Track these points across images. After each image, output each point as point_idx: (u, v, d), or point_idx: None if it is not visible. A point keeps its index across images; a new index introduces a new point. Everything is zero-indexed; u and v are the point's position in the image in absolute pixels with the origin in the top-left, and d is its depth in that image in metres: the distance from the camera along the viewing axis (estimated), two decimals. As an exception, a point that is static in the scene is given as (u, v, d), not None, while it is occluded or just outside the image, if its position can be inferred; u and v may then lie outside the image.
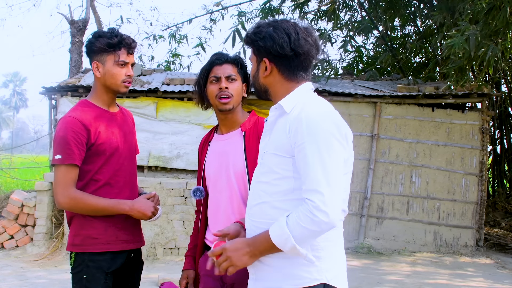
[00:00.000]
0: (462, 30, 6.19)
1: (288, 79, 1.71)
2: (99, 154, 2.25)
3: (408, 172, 7.80)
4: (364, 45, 12.03)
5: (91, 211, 2.22)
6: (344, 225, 1.81)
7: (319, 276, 1.62)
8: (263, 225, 1.64)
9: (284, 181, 1.63)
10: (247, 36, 1.75)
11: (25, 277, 5.74)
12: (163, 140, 7.57)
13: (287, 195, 1.63)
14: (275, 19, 1.78)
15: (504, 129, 10.36)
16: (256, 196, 1.71)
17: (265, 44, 1.67)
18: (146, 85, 7.82)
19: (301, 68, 1.70)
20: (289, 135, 1.60)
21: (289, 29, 1.67)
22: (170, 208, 6.81)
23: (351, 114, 7.85)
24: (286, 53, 1.66)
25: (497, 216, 9.44)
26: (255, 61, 1.75)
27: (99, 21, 11.21)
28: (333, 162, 1.56)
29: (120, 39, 2.25)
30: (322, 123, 1.58)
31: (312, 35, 1.71)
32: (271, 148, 1.67)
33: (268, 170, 1.67)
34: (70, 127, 2.19)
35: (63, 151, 2.17)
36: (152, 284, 5.38)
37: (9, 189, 9.11)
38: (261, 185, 1.69)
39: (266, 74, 1.72)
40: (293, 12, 10.35)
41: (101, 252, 2.24)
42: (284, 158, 1.62)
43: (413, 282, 5.90)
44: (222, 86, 2.17)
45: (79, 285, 2.24)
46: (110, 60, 2.26)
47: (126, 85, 2.30)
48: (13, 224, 6.88)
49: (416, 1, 10.02)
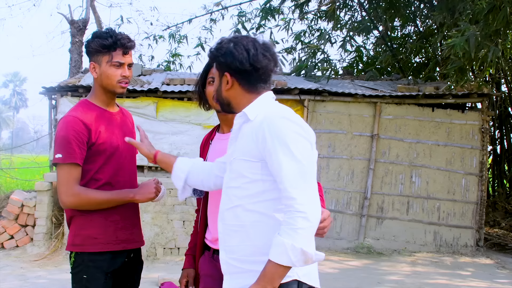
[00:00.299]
0: (462, 30, 6.20)
1: (249, 91, 1.81)
2: (99, 153, 2.25)
3: (408, 172, 7.80)
4: (364, 45, 12.04)
5: (96, 205, 2.22)
6: (344, 225, 1.83)
7: (290, 273, 1.67)
8: (236, 227, 1.74)
9: (254, 184, 1.71)
10: (210, 52, 1.85)
11: (25, 277, 5.74)
12: (163, 140, 7.57)
13: (257, 197, 1.71)
14: (236, 35, 1.89)
15: (504, 129, 10.36)
16: (228, 201, 1.78)
17: (226, 60, 1.78)
18: (146, 85, 7.82)
19: (260, 81, 1.81)
20: (257, 141, 1.69)
21: (248, 45, 1.77)
22: (170, 208, 6.81)
23: (351, 114, 7.85)
24: (245, 68, 1.76)
25: (497, 216, 9.44)
26: (217, 75, 1.85)
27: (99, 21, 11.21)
28: (304, 158, 1.65)
29: (114, 39, 2.24)
30: (287, 124, 1.67)
31: (270, 50, 1.81)
32: (239, 154, 1.75)
33: (238, 175, 1.75)
34: (72, 126, 2.19)
35: (65, 150, 2.17)
36: (152, 284, 5.38)
37: (9, 189, 9.11)
38: (232, 190, 1.77)
39: (228, 88, 1.82)
40: (293, 12, 10.37)
41: (101, 252, 2.24)
42: (252, 162, 1.71)
43: (413, 282, 5.90)
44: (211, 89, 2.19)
45: (79, 285, 2.24)
46: (105, 61, 2.26)
47: (122, 86, 2.29)
48: (13, 224, 6.88)
49: (416, 1, 10.02)
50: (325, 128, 7.83)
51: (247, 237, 1.73)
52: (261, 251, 1.69)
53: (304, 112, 7.75)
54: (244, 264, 1.74)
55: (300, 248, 1.56)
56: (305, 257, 1.58)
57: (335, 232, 7.73)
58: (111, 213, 2.27)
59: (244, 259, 1.74)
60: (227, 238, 1.79)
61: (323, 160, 7.80)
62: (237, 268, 1.75)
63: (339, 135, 7.83)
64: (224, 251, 1.80)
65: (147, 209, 6.65)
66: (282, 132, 1.65)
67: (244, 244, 1.74)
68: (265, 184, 1.70)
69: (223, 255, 1.81)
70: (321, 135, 7.80)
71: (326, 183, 7.78)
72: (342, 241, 7.67)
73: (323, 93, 7.73)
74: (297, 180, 1.61)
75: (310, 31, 10.77)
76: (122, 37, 2.26)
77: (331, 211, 7.76)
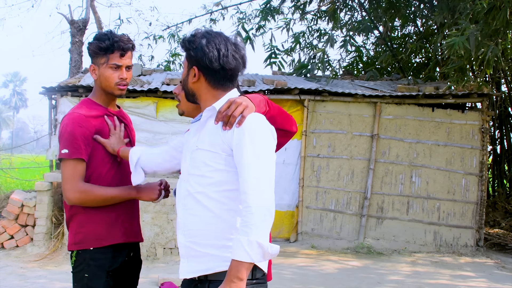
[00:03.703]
0: (462, 30, 6.20)
1: (214, 88, 1.87)
2: (101, 149, 2.28)
3: (408, 172, 7.80)
4: (364, 45, 12.04)
5: (102, 202, 2.24)
6: (344, 225, 1.89)
7: None
8: (198, 212, 1.81)
9: (217, 173, 1.78)
10: (183, 41, 1.89)
11: (25, 277, 5.74)
12: (163, 140, 7.57)
13: (220, 186, 1.78)
14: (210, 30, 1.90)
15: (504, 129, 10.36)
16: (190, 187, 1.83)
17: (196, 54, 1.83)
18: (146, 85, 7.82)
19: (227, 80, 1.87)
20: (223, 135, 1.76)
21: (220, 44, 1.82)
22: (170, 208, 6.81)
23: (351, 114, 7.85)
24: (214, 67, 1.82)
25: (497, 216, 9.44)
26: (186, 65, 1.91)
27: (99, 21, 11.22)
28: (267, 156, 1.73)
29: (112, 41, 2.24)
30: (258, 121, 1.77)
31: (240, 51, 1.87)
32: (204, 145, 1.81)
33: (201, 164, 1.81)
34: (78, 122, 2.21)
35: (71, 145, 2.18)
36: (152, 284, 5.38)
37: (9, 189, 9.11)
38: (194, 177, 1.82)
39: (194, 81, 1.88)
40: (293, 13, 10.37)
41: (102, 250, 2.25)
42: (217, 154, 1.78)
43: (413, 282, 5.90)
44: (174, 90, 2.29)
45: (80, 284, 2.24)
46: (103, 63, 2.28)
47: (120, 88, 2.32)
48: (13, 224, 6.88)
49: (416, 1, 10.02)
50: (325, 128, 7.83)
51: (209, 222, 1.79)
52: (221, 236, 1.78)
53: (304, 112, 7.75)
54: (203, 248, 1.79)
55: (255, 241, 1.63)
56: (262, 250, 1.64)
57: (335, 232, 7.74)
58: (111, 207, 2.28)
59: (204, 243, 1.79)
60: (187, 222, 1.84)
61: (323, 160, 7.81)
62: (196, 252, 1.81)
63: (339, 135, 7.84)
64: (183, 235, 1.85)
65: (147, 209, 6.65)
66: (252, 127, 1.73)
67: (205, 229, 1.79)
68: (228, 175, 1.77)
69: (182, 239, 1.86)
70: (321, 135, 7.80)
71: (326, 183, 7.78)
72: (342, 241, 7.67)
73: (323, 93, 7.73)
74: (255, 179, 1.68)
75: (309, 32, 10.77)
76: (119, 39, 2.27)
77: (331, 211, 7.77)
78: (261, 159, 1.71)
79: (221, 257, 1.77)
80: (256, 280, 1.77)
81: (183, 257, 1.87)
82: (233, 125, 1.75)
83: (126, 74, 2.32)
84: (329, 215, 7.76)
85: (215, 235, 1.78)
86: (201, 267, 1.80)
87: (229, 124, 1.75)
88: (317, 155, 7.79)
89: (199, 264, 1.80)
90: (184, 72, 1.92)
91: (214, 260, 1.78)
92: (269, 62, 9.47)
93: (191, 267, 1.83)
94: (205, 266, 1.79)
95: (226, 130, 1.76)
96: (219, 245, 1.78)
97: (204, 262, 1.79)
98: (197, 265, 1.81)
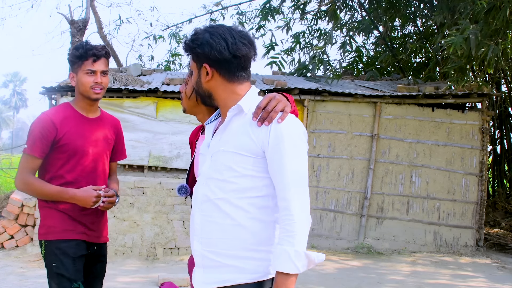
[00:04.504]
0: (462, 29, 6.20)
1: (230, 81, 1.75)
2: (63, 152, 2.49)
3: (408, 172, 7.80)
4: (364, 45, 12.04)
5: (39, 195, 2.51)
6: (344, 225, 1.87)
7: (273, 271, 1.68)
8: (218, 219, 1.70)
9: (243, 179, 1.67)
10: (185, 44, 1.79)
11: (25, 277, 5.74)
12: (163, 140, 7.57)
13: (245, 193, 1.67)
14: (210, 24, 1.82)
15: (504, 129, 10.36)
16: (208, 192, 1.72)
17: (203, 50, 1.71)
18: (146, 85, 7.82)
19: (241, 69, 1.75)
20: (256, 134, 1.66)
21: (225, 33, 1.71)
22: (170, 208, 6.81)
23: (351, 114, 7.85)
24: (225, 57, 1.70)
25: (497, 216, 9.44)
26: (195, 67, 1.79)
27: (99, 21, 11.23)
28: (305, 163, 1.66)
29: (85, 49, 2.49)
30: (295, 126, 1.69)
31: (248, 37, 1.76)
32: (229, 147, 1.70)
33: (224, 168, 1.69)
34: (40, 123, 2.47)
35: (29, 142, 2.46)
36: (152, 284, 5.38)
37: (9, 189, 9.12)
38: (215, 182, 1.71)
39: (208, 79, 1.75)
40: (293, 13, 10.38)
41: (66, 241, 2.46)
42: (245, 157, 1.66)
43: (413, 282, 5.90)
44: (180, 89, 2.30)
45: (50, 273, 2.46)
46: (79, 70, 2.52)
47: (95, 92, 2.53)
48: (13, 224, 6.88)
49: (416, 1, 10.03)
50: (325, 128, 7.83)
51: (230, 231, 1.68)
52: (243, 246, 1.68)
53: (304, 112, 7.75)
54: (223, 258, 1.69)
55: (302, 252, 1.57)
56: (308, 260, 1.59)
57: (335, 232, 7.73)
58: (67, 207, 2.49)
59: (224, 252, 1.69)
60: (205, 230, 1.72)
61: (323, 160, 7.80)
62: (214, 262, 1.70)
63: (339, 135, 7.83)
64: (200, 243, 1.73)
65: (147, 209, 6.65)
66: (292, 130, 1.66)
67: (226, 238, 1.69)
68: (254, 180, 1.67)
69: (198, 247, 1.74)
70: (321, 135, 7.80)
71: (326, 183, 7.78)
72: (342, 241, 7.67)
73: (323, 93, 7.73)
74: (296, 184, 1.61)
75: (309, 32, 10.77)
76: (93, 47, 2.51)
77: (331, 211, 7.77)
78: (301, 165, 1.64)
79: (242, 269, 1.67)
80: None
81: (198, 267, 1.75)
82: (273, 120, 1.65)
83: (101, 79, 2.52)
84: (329, 215, 7.76)
85: (237, 245, 1.67)
86: (219, 278, 1.69)
87: (269, 119, 1.64)
88: (317, 155, 7.79)
89: (217, 274, 1.70)
90: (195, 74, 1.80)
91: (234, 271, 1.67)
92: (269, 62, 9.46)
93: (208, 278, 1.71)
94: (224, 277, 1.68)
95: (260, 129, 1.65)
96: (240, 255, 1.67)
97: (222, 273, 1.68)
98: (215, 275, 1.70)
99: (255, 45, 1.78)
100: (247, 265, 1.67)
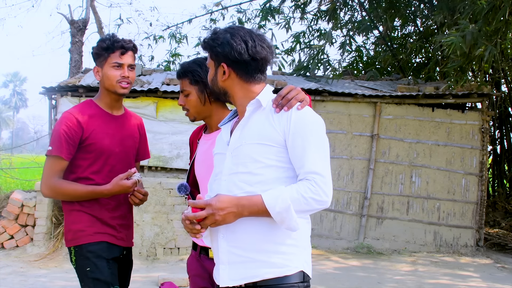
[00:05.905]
0: (461, 29, 6.20)
1: (246, 81, 1.80)
2: (90, 152, 2.35)
3: (408, 172, 7.80)
4: (364, 45, 12.04)
5: (71, 197, 2.33)
6: (344, 225, 1.87)
7: (299, 265, 1.69)
8: None
9: (268, 170, 1.69)
10: (204, 42, 1.82)
11: (25, 277, 5.74)
12: (163, 140, 7.57)
13: (270, 184, 1.67)
14: (231, 26, 1.88)
15: (504, 129, 10.36)
16: (234, 188, 1.71)
17: (223, 50, 1.75)
18: (146, 85, 7.82)
19: (258, 71, 1.80)
20: (278, 122, 1.70)
21: (246, 36, 1.76)
22: (170, 208, 6.81)
23: (351, 114, 7.85)
24: (244, 59, 1.74)
25: (497, 216, 9.44)
26: (212, 65, 1.83)
27: (99, 21, 11.22)
28: (326, 150, 1.72)
29: (112, 41, 2.34)
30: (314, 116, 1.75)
31: (267, 40, 1.81)
32: (252, 139, 1.72)
33: (249, 160, 1.70)
34: (65, 122, 2.31)
35: (54, 143, 2.30)
36: (152, 284, 5.38)
37: (9, 189, 9.10)
38: (240, 175, 1.71)
39: (225, 78, 1.80)
40: (294, 13, 10.37)
41: (97, 243, 2.32)
42: (268, 146, 1.69)
43: (413, 282, 5.90)
44: (179, 102, 2.26)
45: (85, 278, 2.29)
46: (105, 63, 2.37)
47: (122, 86, 2.37)
48: (13, 224, 6.88)
49: (416, 1, 10.02)
50: (325, 128, 7.81)
51: (257, 225, 1.67)
52: (271, 239, 1.67)
53: (304, 112, 7.74)
54: (249, 253, 1.68)
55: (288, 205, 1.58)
56: (283, 217, 1.59)
57: (335, 232, 7.74)
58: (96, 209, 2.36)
59: (250, 247, 1.68)
60: (231, 227, 1.69)
61: (323, 160, 7.79)
62: (240, 257, 1.69)
63: (339, 135, 7.83)
64: (225, 239, 1.72)
65: (147, 209, 6.65)
66: (311, 120, 1.71)
67: (251, 231, 1.68)
68: (279, 171, 1.69)
69: (224, 244, 1.72)
70: (321, 135, 7.79)
71: (326, 183, 7.76)
72: (342, 241, 7.67)
73: (323, 93, 7.73)
74: (319, 166, 1.64)
75: (310, 32, 10.77)
76: (120, 40, 2.36)
77: (331, 211, 7.76)
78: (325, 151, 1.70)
79: (270, 263, 1.66)
80: (307, 283, 1.71)
81: (223, 264, 1.72)
82: (293, 106, 1.70)
83: (129, 73, 2.38)
84: (329, 215, 7.76)
85: (264, 239, 1.67)
86: (247, 274, 1.67)
87: (289, 105, 1.70)
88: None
89: (244, 270, 1.68)
90: (211, 72, 1.83)
91: (262, 266, 1.66)
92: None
93: (234, 274, 1.69)
94: (251, 272, 1.66)
95: (280, 116, 1.70)
96: (268, 249, 1.66)
97: (250, 268, 1.67)
98: (242, 271, 1.68)
99: (273, 49, 1.84)
100: (275, 259, 1.66)
